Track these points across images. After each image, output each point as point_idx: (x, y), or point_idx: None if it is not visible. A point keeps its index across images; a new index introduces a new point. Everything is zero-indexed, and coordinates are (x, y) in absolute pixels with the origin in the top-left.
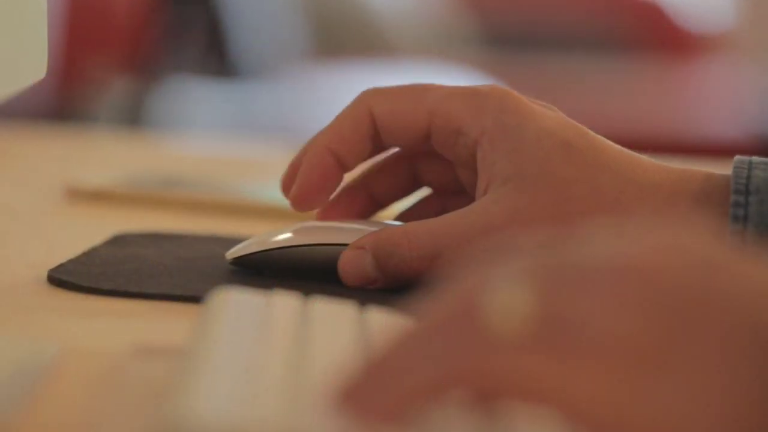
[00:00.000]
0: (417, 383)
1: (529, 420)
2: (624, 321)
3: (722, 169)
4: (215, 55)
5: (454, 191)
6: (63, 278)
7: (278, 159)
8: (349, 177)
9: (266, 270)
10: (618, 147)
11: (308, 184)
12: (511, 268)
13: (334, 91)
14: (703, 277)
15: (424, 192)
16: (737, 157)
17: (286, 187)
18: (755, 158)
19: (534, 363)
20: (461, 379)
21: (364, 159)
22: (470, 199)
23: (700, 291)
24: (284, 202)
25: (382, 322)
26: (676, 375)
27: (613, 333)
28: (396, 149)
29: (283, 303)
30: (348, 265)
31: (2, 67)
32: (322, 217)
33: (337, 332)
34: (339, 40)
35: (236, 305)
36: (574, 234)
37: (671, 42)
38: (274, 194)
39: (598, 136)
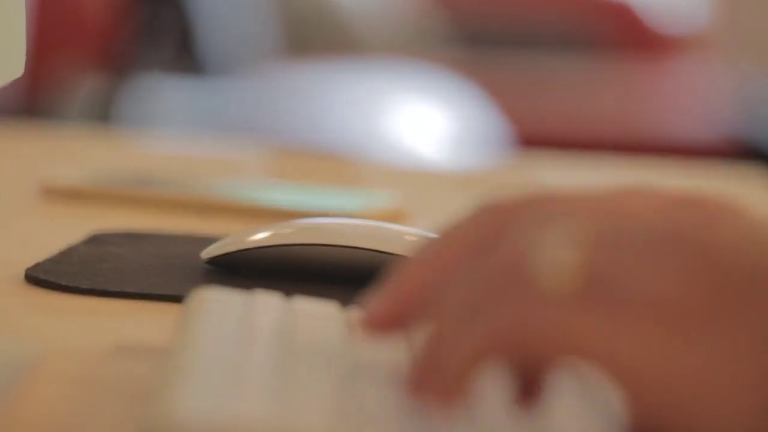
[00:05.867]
0: (470, 346)
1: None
2: (670, 282)
3: (694, 170)
4: (185, 53)
5: None
6: (41, 277)
7: (251, 158)
8: None
9: (242, 270)
10: None
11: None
12: (560, 226)
13: (305, 89)
14: (748, 248)
15: None
16: None
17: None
18: None
19: (581, 319)
20: (510, 337)
21: None
22: None
23: (743, 258)
24: (257, 200)
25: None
26: (718, 335)
27: (659, 293)
28: None
29: (265, 302)
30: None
31: None
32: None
33: (319, 331)
34: (310, 38)
35: (217, 305)
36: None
37: (643, 43)
38: (247, 193)
39: None
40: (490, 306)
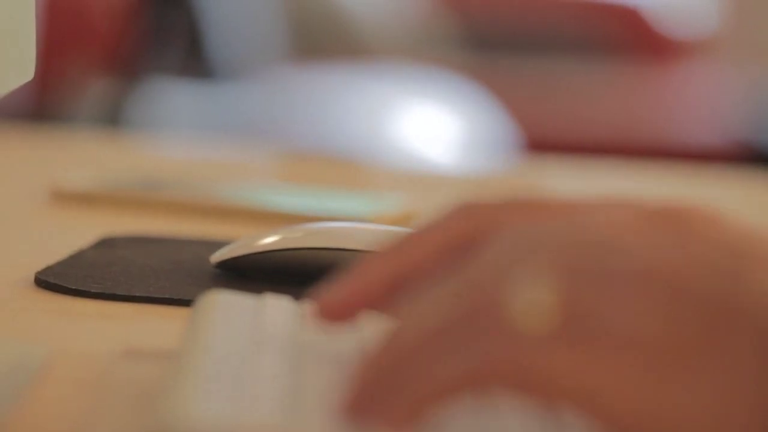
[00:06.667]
0: (441, 380)
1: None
2: (650, 320)
3: (704, 175)
4: (195, 57)
5: None
6: (51, 280)
7: (260, 161)
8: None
9: (251, 273)
10: None
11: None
12: (535, 260)
13: (314, 93)
14: (729, 281)
15: None
16: None
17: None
18: None
19: (562, 359)
20: (490, 375)
21: None
22: None
23: (726, 294)
24: (266, 204)
25: (375, 326)
26: (702, 374)
27: (641, 331)
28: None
29: (274, 306)
30: None
31: None
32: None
33: (329, 335)
34: (319, 41)
35: (227, 308)
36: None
37: (652, 47)
38: (257, 197)
39: None
40: (466, 340)
